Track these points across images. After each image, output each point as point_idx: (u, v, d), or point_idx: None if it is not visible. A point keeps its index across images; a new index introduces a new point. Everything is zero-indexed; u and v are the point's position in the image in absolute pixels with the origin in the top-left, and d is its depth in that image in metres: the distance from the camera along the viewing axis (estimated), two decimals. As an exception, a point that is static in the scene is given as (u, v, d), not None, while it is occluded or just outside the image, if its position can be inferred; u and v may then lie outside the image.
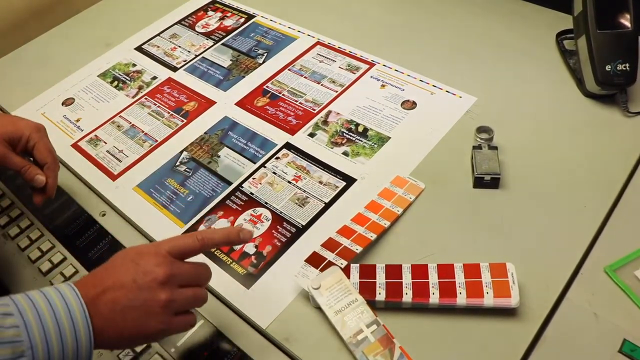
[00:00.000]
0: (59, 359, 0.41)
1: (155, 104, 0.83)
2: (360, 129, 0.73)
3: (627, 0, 0.66)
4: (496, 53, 0.81)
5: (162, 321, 0.46)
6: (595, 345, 0.49)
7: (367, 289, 0.54)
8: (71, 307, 0.42)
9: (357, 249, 0.58)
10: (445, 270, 0.54)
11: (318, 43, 0.88)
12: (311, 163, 0.70)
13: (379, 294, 0.53)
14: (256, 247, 0.62)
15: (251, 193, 0.68)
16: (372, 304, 0.53)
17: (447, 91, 0.76)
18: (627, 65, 0.66)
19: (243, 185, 0.69)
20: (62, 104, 0.86)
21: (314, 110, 0.77)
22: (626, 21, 0.66)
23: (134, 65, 0.91)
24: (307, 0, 0.98)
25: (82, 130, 0.81)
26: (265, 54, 0.88)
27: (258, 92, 0.82)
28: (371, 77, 0.80)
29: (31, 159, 0.65)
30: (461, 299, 0.52)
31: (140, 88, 0.87)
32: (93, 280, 0.46)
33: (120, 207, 0.69)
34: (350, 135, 0.72)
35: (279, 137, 0.74)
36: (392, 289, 0.53)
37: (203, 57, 0.90)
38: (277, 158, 0.71)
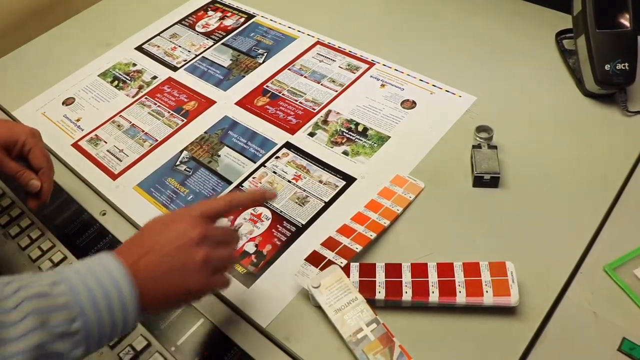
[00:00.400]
0: (108, 323, 0.42)
1: (155, 104, 0.83)
2: (360, 128, 0.73)
3: (626, 0, 0.66)
4: (496, 52, 0.81)
5: (201, 280, 0.47)
6: (594, 343, 0.49)
7: (366, 288, 0.54)
8: (113, 272, 0.43)
9: (357, 247, 0.58)
10: (445, 269, 0.54)
11: (318, 43, 0.88)
12: (311, 162, 0.70)
13: (379, 292, 0.53)
14: (256, 246, 0.62)
15: (251, 192, 0.68)
16: (372, 303, 0.53)
17: (446, 90, 0.76)
18: (626, 64, 0.66)
19: (243, 184, 0.69)
20: (63, 103, 0.86)
21: (314, 109, 0.77)
22: (625, 21, 0.66)
23: (134, 64, 0.91)
24: (307, 0, 0.98)
25: (82, 130, 0.81)
26: (265, 54, 0.88)
27: (258, 91, 0.82)
28: (371, 76, 0.80)
29: (23, 163, 0.65)
30: (461, 298, 0.52)
31: (140, 88, 0.87)
32: (130, 247, 0.47)
33: (121, 207, 0.69)
34: (350, 135, 0.72)
35: (279, 136, 0.74)
36: (391, 288, 0.54)
37: (203, 56, 0.91)
38: (277, 157, 0.71)
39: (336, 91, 0.79)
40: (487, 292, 0.52)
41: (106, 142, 0.78)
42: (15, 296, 0.39)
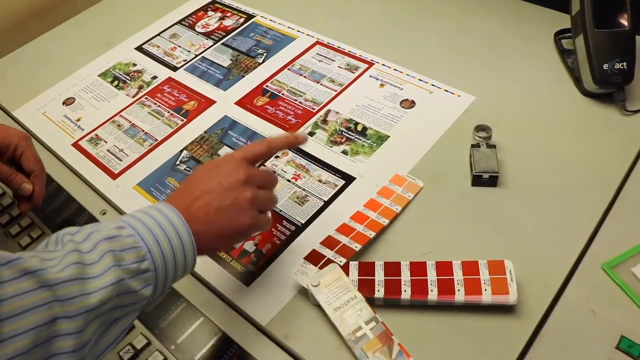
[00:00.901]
0: (172, 262, 0.45)
1: (155, 104, 0.83)
2: (359, 127, 0.73)
3: (624, 0, 0.66)
4: (494, 52, 0.81)
5: (251, 216, 0.50)
6: (592, 341, 0.50)
7: (366, 286, 0.54)
8: (169, 216, 0.45)
9: (356, 246, 0.58)
10: (444, 268, 0.54)
11: (317, 43, 0.88)
12: (310, 162, 0.70)
13: (378, 291, 0.54)
14: (256, 245, 0.62)
15: (251, 191, 0.68)
16: (371, 301, 0.53)
17: (445, 90, 0.76)
18: (625, 64, 0.66)
19: (243, 183, 0.69)
20: (63, 103, 0.87)
21: (314, 109, 0.77)
22: (623, 20, 0.66)
23: (134, 65, 0.92)
24: (307, 0, 0.98)
25: (82, 130, 0.81)
26: (265, 54, 0.88)
27: (258, 91, 0.82)
28: (370, 76, 0.81)
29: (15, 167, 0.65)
30: (459, 296, 0.52)
31: (140, 87, 0.87)
32: (181, 194, 0.50)
33: (121, 206, 0.69)
34: (350, 134, 0.73)
35: (278, 136, 0.74)
36: (390, 286, 0.54)
37: (203, 56, 0.91)
38: (277, 157, 0.72)
39: (336, 91, 0.79)
40: (485, 290, 0.52)
41: (106, 142, 0.79)
42: (90, 239, 0.42)
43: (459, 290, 0.52)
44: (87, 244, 0.42)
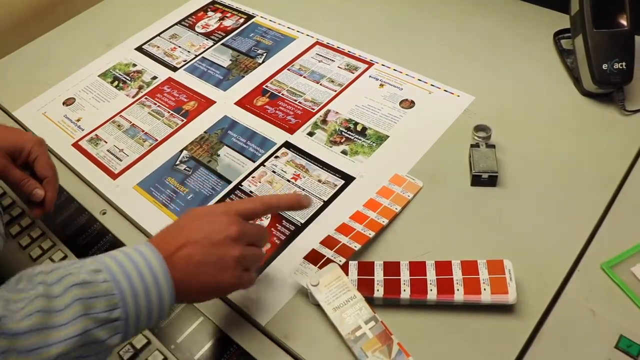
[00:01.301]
0: (145, 310, 0.43)
1: (155, 104, 0.84)
2: (359, 127, 0.73)
3: (623, 0, 0.66)
4: (494, 52, 0.81)
5: (234, 275, 0.48)
6: (592, 341, 0.50)
7: (365, 286, 0.54)
8: (151, 262, 0.44)
9: (356, 246, 0.58)
10: (443, 267, 0.54)
11: (317, 43, 0.88)
12: (310, 162, 0.70)
13: (377, 290, 0.54)
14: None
15: (250, 191, 0.68)
16: (371, 301, 0.53)
17: (445, 90, 0.76)
18: (624, 64, 0.66)
19: (242, 183, 0.69)
20: (63, 103, 0.87)
21: (313, 109, 0.77)
22: (622, 20, 0.66)
23: (134, 65, 0.92)
24: (307, 1, 0.98)
25: (82, 130, 0.82)
26: (265, 54, 0.89)
27: (257, 91, 0.82)
28: (370, 76, 0.81)
29: (28, 172, 0.64)
30: (459, 296, 0.52)
31: (140, 88, 0.87)
32: (167, 238, 0.48)
33: (121, 206, 0.69)
34: (349, 134, 0.73)
35: (278, 136, 0.75)
36: (390, 286, 0.54)
37: (203, 57, 0.91)
38: (277, 157, 0.72)
39: (335, 91, 0.79)
40: (485, 290, 0.52)
41: (106, 142, 0.79)
42: (62, 282, 0.41)
43: (458, 289, 0.52)
44: (58, 288, 0.40)
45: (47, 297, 0.40)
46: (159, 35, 0.97)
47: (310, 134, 0.74)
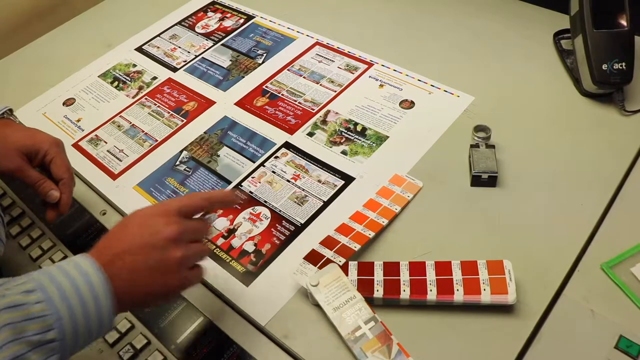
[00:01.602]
0: (83, 327, 0.42)
1: (155, 104, 0.84)
2: (358, 128, 0.73)
3: (623, 0, 0.66)
4: (494, 52, 0.81)
5: (179, 277, 0.47)
6: (591, 341, 0.50)
7: (365, 286, 0.54)
8: (88, 274, 0.43)
9: (356, 246, 0.58)
10: (443, 268, 0.54)
11: (317, 43, 0.89)
12: (310, 162, 0.70)
13: (377, 291, 0.54)
14: (255, 245, 0.62)
15: (250, 192, 0.68)
16: (370, 301, 0.53)
17: (445, 90, 0.76)
18: (624, 64, 0.66)
19: (242, 184, 0.69)
20: (63, 104, 0.87)
21: (313, 109, 0.77)
22: (622, 20, 0.67)
23: (134, 65, 0.92)
24: (306, 1, 0.99)
25: (82, 130, 0.82)
26: (265, 54, 0.89)
27: (257, 92, 0.82)
28: (370, 76, 0.81)
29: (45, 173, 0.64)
30: (458, 296, 0.52)
31: (140, 88, 0.87)
32: (106, 246, 0.46)
33: (121, 206, 0.69)
34: (349, 135, 0.73)
35: (278, 136, 0.75)
36: (390, 286, 0.54)
37: (203, 57, 0.91)
38: (276, 157, 0.72)
39: (335, 91, 0.79)
40: (484, 290, 0.52)
41: (106, 143, 0.79)
42: None
43: (458, 290, 0.52)
44: None
45: None
46: (159, 35, 0.98)
47: (310, 134, 0.74)
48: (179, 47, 0.94)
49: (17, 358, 0.38)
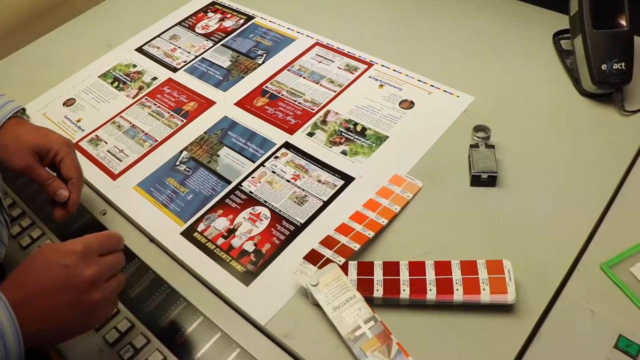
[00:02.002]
0: None
1: (155, 104, 0.84)
2: (358, 128, 0.74)
3: (622, 0, 0.67)
4: (493, 52, 0.81)
5: (97, 316, 0.48)
6: (591, 340, 0.50)
7: (365, 286, 0.54)
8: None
9: (355, 246, 0.58)
10: (443, 267, 0.54)
11: (317, 44, 0.89)
12: (310, 162, 0.70)
13: (377, 290, 0.54)
14: (255, 245, 0.62)
15: (250, 192, 0.68)
16: (370, 301, 0.53)
17: (444, 90, 0.77)
18: (623, 64, 0.66)
19: (242, 184, 0.69)
20: (63, 104, 0.87)
21: (313, 110, 0.78)
22: (622, 20, 0.67)
23: (135, 66, 0.92)
24: (306, 2, 0.99)
25: (83, 131, 0.82)
26: (265, 55, 0.89)
27: (257, 92, 0.82)
28: (369, 77, 0.81)
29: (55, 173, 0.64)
30: (458, 296, 0.52)
31: (140, 88, 0.87)
32: (20, 284, 0.45)
33: (121, 206, 0.69)
34: (349, 135, 0.73)
35: (278, 136, 0.75)
36: (389, 286, 0.54)
37: (203, 57, 0.91)
38: (276, 157, 0.72)
39: (335, 91, 0.80)
40: (484, 290, 0.52)
41: (106, 143, 0.79)
42: None
43: (457, 289, 0.52)
44: None
45: None
46: (159, 36, 0.98)
47: (310, 134, 0.74)
48: (179, 48, 0.94)
49: None
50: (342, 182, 0.67)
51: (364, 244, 0.59)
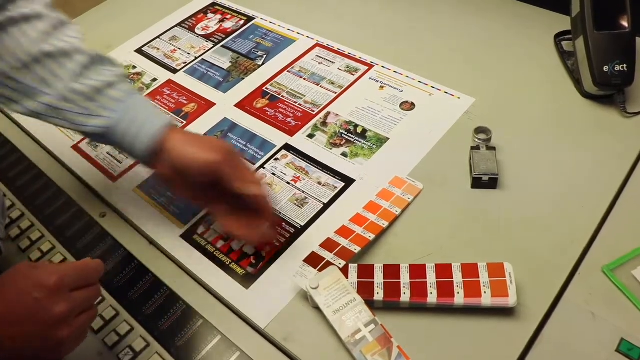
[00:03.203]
0: None
1: (155, 106, 0.83)
2: (359, 130, 0.73)
3: (624, 1, 0.66)
4: (494, 54, 0.81)
5: (64, 351, 0.46)
6: (592, 344, 0.49)
7: (365, 289, 0.54)
8: None
9: (356, 249, 0.58)
10: (443, 270, 0.54)
11: (317, 45, 0.88)
12: (310, 164, 0.70)
13: (377, 293, 0.53)
14: (255, 247, 0.62)
15: (250, 194, 0.68)
16: (371, 304, 0.53)
17: (445, 92, 0.76)
18: (625, 66, 0.66)
19: (242, 186, 0.69)
20: (63, 105, 0.86)
21: (313, 111, 0.77)
22: (624, 22, 0.66)
23: (134, 67, 0.92)
24: (307, 3, 0.98)
25: (82, 132, 0.81)
26: (265, 56, 0.89)
27: (257, 93, 0.82)
28: (370, 78, 0.81)
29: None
30: (459, 299, 0.52)
31: (140, 90, 0.87)
32: None
33: (120, 208, 0.69)
34: (349, 136, 0.73)
35: (278, 138, 0.74)
36: (390, 289, 0.54)
37: (203, 59, 0.91)
38: (276, 159, 0.72)
39: (335, 93, 0.79)
40: (485, 293, 0.52)
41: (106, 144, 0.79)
42: None
43: (458, 292, 0.52)
44: None
45: None
46: (158, 37, 0.97)
47: (310, 136, 0.74)
48: (179, 49, 0.94)
49: None
50: (343, 184, 0.67)
51: (364, 246, 0.58)
